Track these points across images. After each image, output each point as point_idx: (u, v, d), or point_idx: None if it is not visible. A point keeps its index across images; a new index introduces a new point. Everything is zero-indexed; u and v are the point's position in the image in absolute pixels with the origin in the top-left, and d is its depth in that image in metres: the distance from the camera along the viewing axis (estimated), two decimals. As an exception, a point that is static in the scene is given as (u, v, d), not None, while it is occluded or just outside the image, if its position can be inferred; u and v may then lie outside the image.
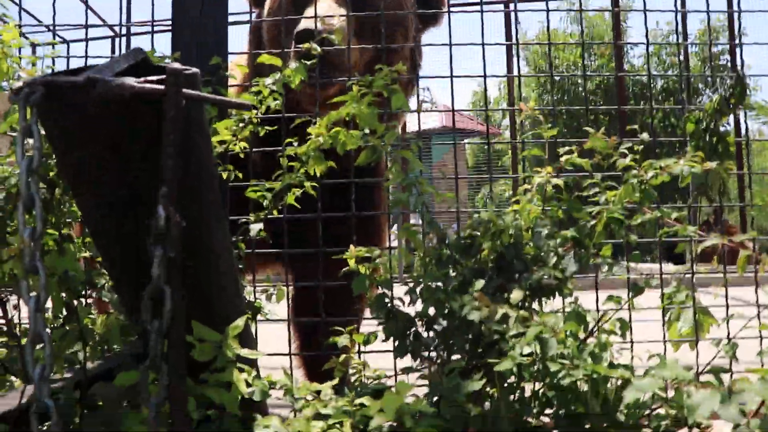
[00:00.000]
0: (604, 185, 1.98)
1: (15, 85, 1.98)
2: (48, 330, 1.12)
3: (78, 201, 1.33)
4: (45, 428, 1.06)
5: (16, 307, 2.04)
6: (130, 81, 1.07)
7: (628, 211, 1.92)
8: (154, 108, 1.11)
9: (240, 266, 2.04)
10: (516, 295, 1.68)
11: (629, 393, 1.48)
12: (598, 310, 1.87)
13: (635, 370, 1.63)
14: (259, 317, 2.19)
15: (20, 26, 2.10)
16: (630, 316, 2.10)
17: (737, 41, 2.88)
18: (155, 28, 2.93)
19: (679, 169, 1.93)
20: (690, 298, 1.96)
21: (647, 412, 1.69)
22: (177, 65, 1.07)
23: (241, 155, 2.26)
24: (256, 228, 1.99)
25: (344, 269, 1.90)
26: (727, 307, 2.43)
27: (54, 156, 1.90)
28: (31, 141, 1.11)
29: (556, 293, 1.86)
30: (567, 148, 2.01)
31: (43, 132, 1.17)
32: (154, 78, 1.10)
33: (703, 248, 2.03)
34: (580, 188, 2.07)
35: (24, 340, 2.03)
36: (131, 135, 1.14)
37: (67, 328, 1.38)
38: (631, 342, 2.34)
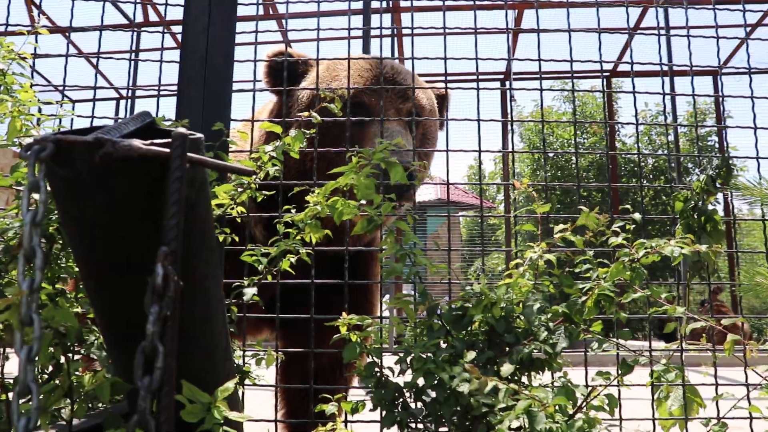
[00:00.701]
0: (596, 262, 2.02)
1: (25, 142, 2.05)
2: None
3: (77, 257, 1.35)
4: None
5: (5, 358, 2.02)
6: (138, 143, 1.11)
7: (619, 288, 1.95)
8: (159, 170, 1.14)
9: (231, 330, 2.04)
10: (506, 368, 1.68)
11: (617, 472, 1.47)
12: (587, 386, 1.87)
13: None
14: (246, 382, 2.17)
15: (32, 86, 2.17)
16: (619, 393, 2.10)
17: (723, 124, 2.97)
18: (161, 92, 3.01)
19: (670, 250, 1.97)
20: (679, 376, 1.96)
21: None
22: (183, 130, 1.11)
23: (238, 219, 2.30)
24: (249, 293, 2.00)
25: (335, 336, 1.91)
26: (717, 386, 2.43)
27: (56, 211, 1.94)
28: (36, 196, 1.13)
29: (546, 368, 1.87)
30: (561, 225, 2.05)
31: (48, 188, 1.21)
32: (160, 141, 1.14)
33: (693, 328, 2.05)
34: (572, 264, 2.10)
35: (11, 394, 2.02)
36: (134, 195, 1.17)
37: (56, 382, 1.37)
38: (620, 419, 2.33)
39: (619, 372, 1.90)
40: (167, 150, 1.10)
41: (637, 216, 2.17)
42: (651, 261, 2.00)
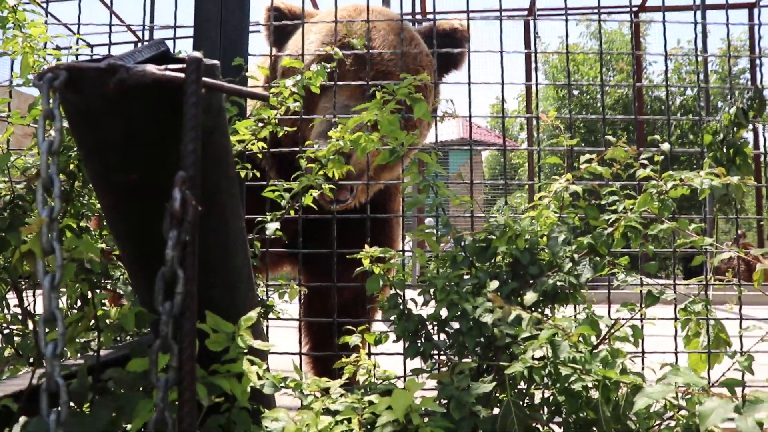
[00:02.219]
0: (623, 194, 1.97)
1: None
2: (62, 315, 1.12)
3: (96, 187, 1.34)
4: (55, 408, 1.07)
5: (34, 293, 2.06)
6: (152, 68, 1.09)
7: (646, 220, 1.91)
8: (174, 97, 1.12)
9: (254, 264, 2.05)
10: (530, 297, 1.67)
11: (640, 399, 1.46)
12: (611, 318, 1.86)
13: (647, 380, 1.61)
14: (270, 316, 2.19)
15: (46, 24, 2.14)
16: (642, 326, 2.08)
17: (758, 55, 2.86)
18: (177, 33, 2.96)
19: (699, 182, 1.92)
20: (705, 311, 1.94)
21: (658, 421, 1.67)
22: (198, 54, 1.08)
23: (259, 155, 2.28)
24: (272, 227, 2.00)
25: (358, 269, 1.90)
26: (741, 320, 2.40)
27: (74, 141, 1.93)
28: (52, 126, 1.12)
29: (570, 300, 1.86)
30: (588, 156, 2.00)
31: (64, 116, 1.19)
32: (175, 66, 1.11)
33: (719, 263, 2.01)
34: (598, 197, 2.06)
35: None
36: (150, 122, 1.15)
37: (82, 313, 1.39)
38: (643, 352, 2.33)
39: (644, 304, 1.88)
40: (182, 75, 1.07)
41: (665, 146, 2.11)
42: (679, 194, 1.95)
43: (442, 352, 1.82)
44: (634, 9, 12.60)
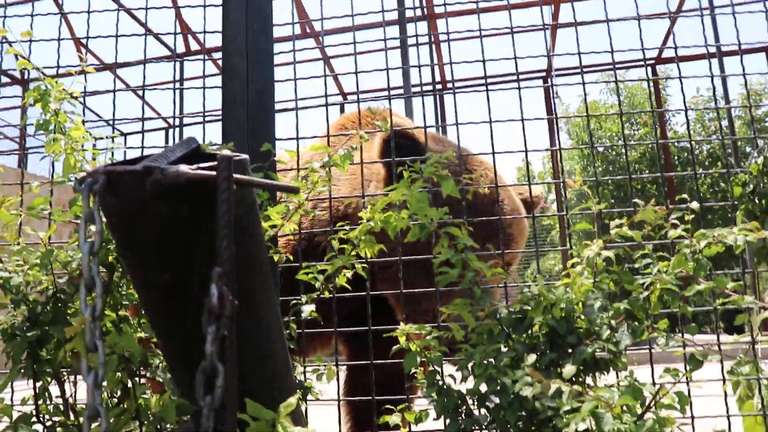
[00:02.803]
0: (656, 256, 1.96)
1: (79, 175, 2.12)
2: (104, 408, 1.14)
3: (135, 283, 1.38)
4: None
5: (75, 383, 2.09)
6: (184, 168, 1.13)
7: (682, 281, 1.88)
8: (208, 193, 1.16)
9: (291, 347, 2.06)
10: (568, 369, 1.65)
11: (694, 471, 1.42)
12: (654, 384, 1.81)
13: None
14: (309, 397, 2.18)
15: (84, 122, 2.24)
16: (689, 390, 2.03)
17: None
18: (206, 119, 3.07)
19: (733, 239, 1.90)
20: (755, 370, 1.89)
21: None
22: (228, 152, 1.13)
23: (291, 238, 2.32)
24: (308, 309, 2.02)
25: (395, 347, 1.90)
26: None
27: (113, 241, 1.99)
28: (93, 227, 1.17)
29: (611, 367, 1.82)
30: (617, 221, 1.99)
31: (103, 218, 1.24)
32: (207, 165, 1.16)
33: (764, 318, 1.97)
34: (630, 260, 2.04)
35: (82, 419, 2.08)
36: (184, 219, 1.19)
37: (124, 406, 1.41)
38: (692, 417, 2.25)
39: (688, 368, 1.83)
40: (213, 173, 1.12)
41: (695, 205, 2.10)
42: (714, 252, 1.93)
43: (483, 428, 1.79)
44: (651, 62, 12.72)
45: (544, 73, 12.54)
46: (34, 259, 2.17)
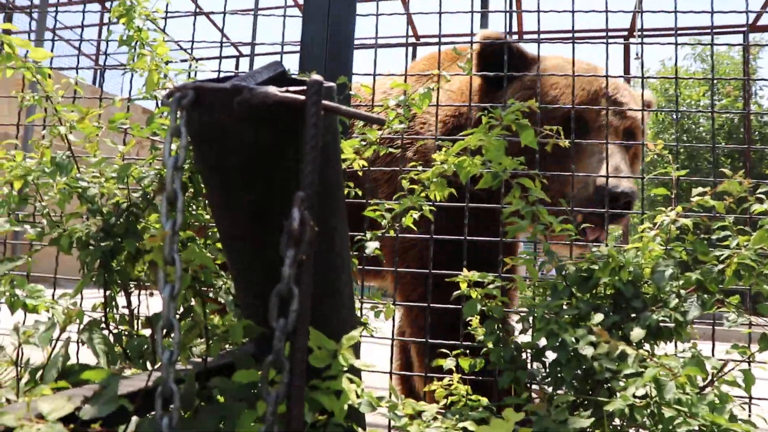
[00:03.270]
0: (736, 229, 1.88)
1: (161, 94, 2.15)
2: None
3: (212, 203, 1.40)
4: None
5: (151, 294, 2.16)
6: (274, 89, 1.13)
7: (761, 258, 1.81)
8: (293, 117, 1.15)
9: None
10: (637, 333, 1.62)
11: (754, 450, 1.39)
12: (718, 360, 1.76)
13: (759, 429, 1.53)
14: (364, 333, 2.21)
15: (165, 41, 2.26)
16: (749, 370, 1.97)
17: None
18: (282, 50, 3.06)
19: (823, 217, 1.81)
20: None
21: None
22: (318, 77, 1.11)
23: (360, 173, 2.32)
24: (371, 246, 2.02)
25: (456, 292, 1.89)
26: None
27: (195, 159, 2.03)
28: (177, 143, 1.18)
29: (674, 337, 1.78)
30: (699, 189, 1.92)
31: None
32: (296, 88, 1.15)
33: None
34: (707, 231, 1.97)
35: (143, 332, 2.16)
36: (269, 142, 1.19)
37: (190, 321, 1.45)
38: (750, 398, 2.20)
39: (758, 347, 1.78)
40: (302, 97, 1.11)
41: (785, 180, 1.99)
42: (799, 231, 1.84)
43: (537, 382, 1.78)
44: (744, 30, 12.03)
45: (626, 32, 12.04)
46: (111, 172, 2.23)
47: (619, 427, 1.69)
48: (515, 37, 11.30)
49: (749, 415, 2.18)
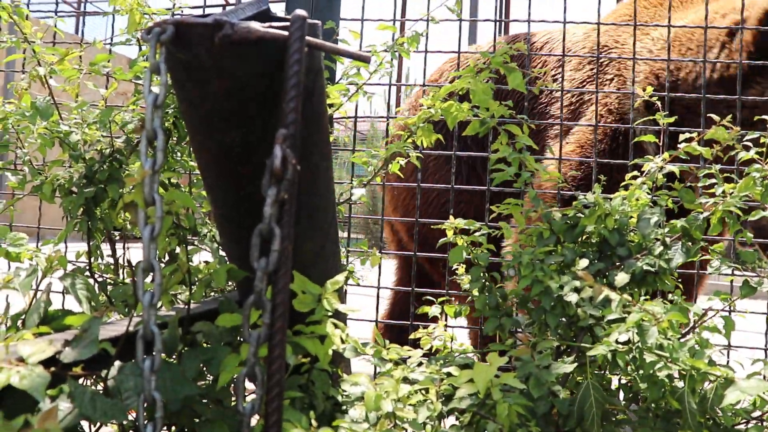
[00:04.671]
0: (722, 177, 1.87)
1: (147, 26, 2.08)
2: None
3: (195, 145, 1.37)
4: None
5: (125, 245, 2.14)
6: (256, 25, 1.09)
7: (746, 207, 1.81)
8: (277, 54, 1.12)
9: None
10: (621, 278, 1.62)
11: (732, 393, 1.41)
12: (701, 307, 1.78)
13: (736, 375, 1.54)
14: (349, 282, 2.21)
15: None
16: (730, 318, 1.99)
17: None
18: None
19: (811, 166, 1.80)
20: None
21: (746, 419, 1.61)
22: (302, 12, 1.08)
23: (345, 121, 2.29)
24: (358, 193, 2.01)
25: (441, 240, 1.89)
26: None
27: (173, 106, 1.99)
28: (158, 81, 1.15)
29: (658, 284, 1.79)
30: (686, 135, 1.90)
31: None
32: (279, 24, 1.12)
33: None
34: (694, 179, 1.96)
35: (128, 280, 2.15)
36: (252, 79, 1.16)
37: (175, 266, 1.44)
38: (728, 346, 2.23)
39: (739, 293, 1.79)
40: (286, 33, 1.07)
41: (775, 127, 1.98)
42: (786, 178, 1.83)
43: (521, 329, 1.80)
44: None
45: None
46: (93, 117, 2.18)
47: (604, 373, 1.71)
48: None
49: (728, 361, 2.22)
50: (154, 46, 1.10)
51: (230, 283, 1.87)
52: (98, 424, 1.52)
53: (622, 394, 1.75)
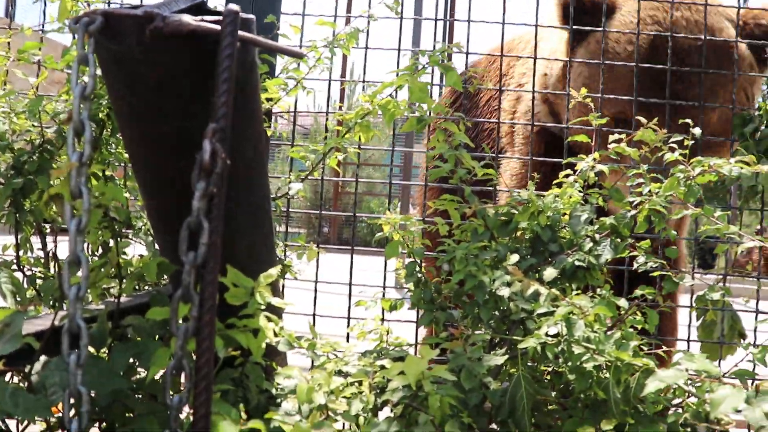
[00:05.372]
0: (649, 177, 1.95)
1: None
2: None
3: (126, 138, 1.35)
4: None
5: (56, 237, 2.09)
6: (188, 18, 1.08)
7: (671, 205, 1.89)
8: (207, 48, 1.12)
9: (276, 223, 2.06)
10: (549, 273, 1.67)
11: (652, 383, 1.47)
12: (629, 299, 1.85)
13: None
14: (287, 277, 2.21)
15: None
16: (660, 312, 2.07)
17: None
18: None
19: (728, 169, 1.89)
20: (722, 301, 1.92)
21: (667, 406, 1.68)
22: (235, 6, 1.08)
23: (287, 115, 2.28)
24: (295, 187, 2.01)
25: (378, 235, 1.91)
26: (758, 314, 2.38)
27: (106, 97, 1.94)
28: (86, 72, 1.13)
29: (587, 279, 1.85)
30: (616, 136, 1.97)
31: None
32: (212, 18, 1.11)
33: (739, 256, 1.99)
34: (624, 178, 2.04)
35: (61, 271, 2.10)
36: (183, 72, 1.15)
37: (105, 259, 1.41)
38: (655, 336, 2.32)
39: (663, 288, 1.87)
40: (218, 27, 1.07)
41: (697, 131, 2.07)
42: (707, 180, 1.92)
43: (456, 323, 1.83)
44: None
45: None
46: (22, 107, 2.12)
47: (533, 366, 1.76)
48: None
49: (653, 353, 2.31)
50: (82, 36, 1.08)
51: (165, 276, 1.86)
52: (25, 422, 1.48)
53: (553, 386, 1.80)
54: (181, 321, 1.12)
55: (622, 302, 1.77)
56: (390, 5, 2.02)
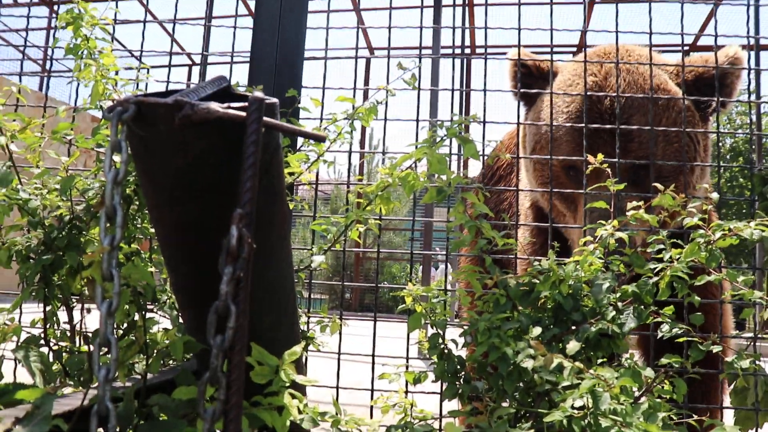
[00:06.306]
0: (670, 242, 1.95)
1: (107, 105, 2.12)
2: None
3: (153, 218, 1.39)
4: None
5: (89, 311, 2.12)
6: (215, 106, 1.13)
7: (693, 271, 1.88)
8: (235, 133, 1.16)
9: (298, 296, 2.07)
10: (572, 346, 1.66)
11: (683, 457, 1.44)
12: (655, 368, 1.82)
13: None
14: (310, 348, 2.21)
15: (113, 50, 2.23)
16: (688, 379, 2.03)
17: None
18: (233, 59, 3.05)
19: (749, 233, 1.88)
20: (753, 366, 1.89)
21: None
22: (260, 94, 1.12)
23: (308, 187, 2.33)
24: (318, 260, 2.03)
25: (401, 306, 1.92)
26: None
27: (134, 173, 2.00)
28: (118, 156, 1.17)
29: (612, 348, 1.83)
30: (634, 203, 1.98)
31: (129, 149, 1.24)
32: (237, 105, 1.16)
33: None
34: (644, 244, 2.04)
35: (85, 348, 2.12)
36: (210, 157, 1.20)
37: (132, 337, 1.43)
38: (685, 404, 2.27)
39: (689, 356, 1.84)
40: (244, 114, 1.11)
41: (714, 196, 2.08)
42: (728, 244, 1.91)
43: (480, 395, 1.81)
44: (686, 47, 12.47)
45: (575, 48, 12.34)
46: (54, 183, 2.18)
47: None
48: (468, 51, 11.48)
49: (684, 422, 2.26)
50: (116, 124, 1.13)
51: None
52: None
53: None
54: (208, 401, 1.14)
55: (648, 371, 1.75)
56: (407, 80, 2.08)
